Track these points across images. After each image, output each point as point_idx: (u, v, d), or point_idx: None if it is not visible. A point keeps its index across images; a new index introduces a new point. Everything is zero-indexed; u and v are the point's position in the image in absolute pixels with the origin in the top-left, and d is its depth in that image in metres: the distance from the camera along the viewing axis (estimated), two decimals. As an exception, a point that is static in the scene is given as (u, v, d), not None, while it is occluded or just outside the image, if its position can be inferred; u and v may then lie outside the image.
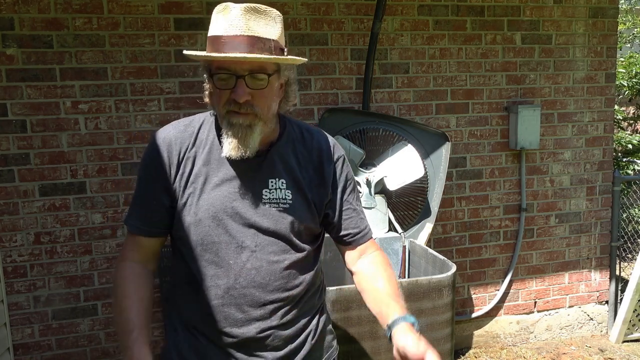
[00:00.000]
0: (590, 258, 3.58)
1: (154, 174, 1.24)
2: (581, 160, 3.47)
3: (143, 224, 1.26)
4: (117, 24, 2.64)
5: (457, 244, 3.32)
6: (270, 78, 1.16)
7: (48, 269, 2.68)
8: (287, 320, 1.26)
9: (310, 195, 1.27)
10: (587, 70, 3.40)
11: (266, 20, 1.15)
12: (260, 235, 1.22)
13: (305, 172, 1.28)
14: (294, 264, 1.25)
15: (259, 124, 1.17)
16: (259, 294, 1.22)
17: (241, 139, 1.15)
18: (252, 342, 1.24)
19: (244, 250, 1.21)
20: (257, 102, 1.15)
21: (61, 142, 2.63)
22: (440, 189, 3.00)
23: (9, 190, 2.59)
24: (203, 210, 1.21)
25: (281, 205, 1.23)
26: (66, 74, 2.60)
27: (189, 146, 1.24)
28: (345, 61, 2.99)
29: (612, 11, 3.40)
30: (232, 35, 1.11)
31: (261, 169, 1.24)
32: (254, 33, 1.12)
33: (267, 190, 1.23)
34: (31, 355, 2.70)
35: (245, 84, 1.13)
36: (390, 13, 3.01)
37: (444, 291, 2.24)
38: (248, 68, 1.13)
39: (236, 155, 1.16)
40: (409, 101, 3.11)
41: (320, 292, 1.40)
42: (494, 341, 3.48)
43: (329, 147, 1.32)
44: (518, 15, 3.24)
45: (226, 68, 1.13)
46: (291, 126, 1.32)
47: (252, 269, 1.21)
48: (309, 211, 1.27)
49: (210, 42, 1.15)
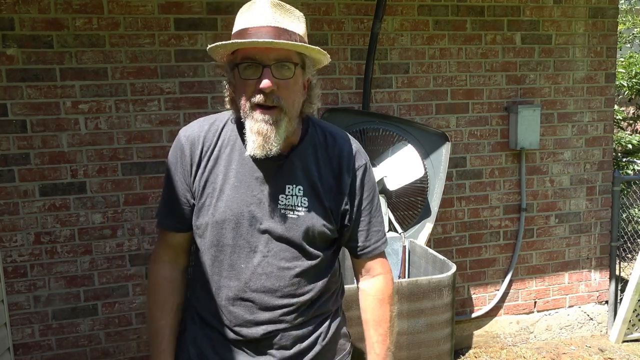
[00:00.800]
0: (590, 258, 3.58)
1: (179, 171, 1.25)
2: (581, 160, 3.47)
3: (171, 221, 1.29)
4: (117, 24, 2.64)
5: (457, 244, 3.33)
6: (296, 69, 1.15)
7: (48, 269, 2.68)
8: (297, 323, 1.27)
9: (328, 203, 1.26)
10: (587, 70, 3.41)
11: (291, 17, 1.16)
12: (273, 241, 1.22)
13: (324, 179, 1.26)
14: (305, 271, 1.25)
15: (285, 120, 1.15)
16: (267, 299, 1.23)
17: (266, 136, 1.13)
18: (261, 341, 1.25)
19: (256, 255, 1.22)
20: (282, 94, 1.13)
21: (61, 142, 2.63)
22: (440, 189, 3.00)
23: (9, 190, 2.59)
24: (220, 211, 1.21)
25: (296, 212, 1.23)
26: (66, 74, 2.60)
27: (211, 145, 1.24)
28: (345, 61, 2.99)
29: (612, 11, 3.40)
30: (258, 26, 1.11)
31: (280, 174, 1.23)
32: (281, 24, 1.12)
33: (284, 195, 1.23)
34: (31, 355, 2.70)
35: (272, 74, 1.11)
36: (390, 13, 3.01)
37: (444, 291, 2.24)
38: (274, 57, 1.11)
39: (261, 153, 1.15)
40: (409, 101, 3.11)
41: (337, 297, 1.40)
42: (494, 341, 3.48)
43: (350, 155, 1.29)
44: (518, 15, 3.24)
45: (252, 57, 1.11)
46: (314, 129, 1.29)
47: (263, 274, 1.22)
48: (325, 218, 1.25)
49: (235, 36, 1.15)
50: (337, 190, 1.27)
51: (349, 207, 1.29)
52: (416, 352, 2.25)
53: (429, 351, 2.27)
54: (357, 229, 1.32)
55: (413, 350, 2.25)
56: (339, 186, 1.27)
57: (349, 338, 1.45)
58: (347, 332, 1.45)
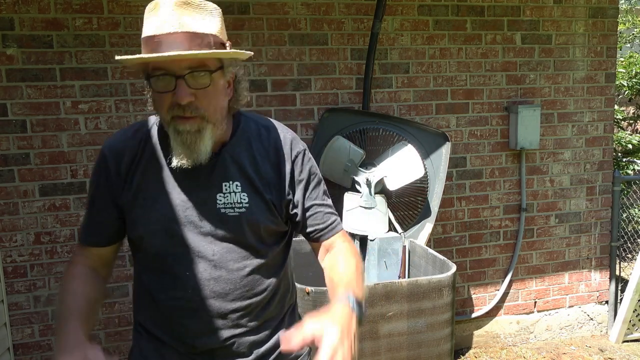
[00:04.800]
0: (590, 258, 3.58)
1: (102, 185, 1.19)
2: (581, 160, 3.47)
3: (92, 236, 1.23)
4: (117, 24, 2.64)
5: (457, 244, 3.33)
6: (213, 75, 1.06)
7: (48, 269, 2.68)
8: (252, 327, 1.20)
9: (269, 196, 1.19)
10: (587, 70, 3.41)
11: (202, 15, 1.05)
12: (218, 243, 1.15)
13: (262, 171, 1.19)
14: (256, 269, 1.19)
15: (208, 128, 1.08)
16: (219, 304, 1.16)
17: (190, 146, 1.07)
18: (216, 351, 1.19)
19: (201, 261, 1.15)
20: (202, 103, 1.06)
21: (61, 142, 2.63)
22: (440, 189, 3.00)
23: (9, 190, 2.59)
24: (154, 221, 1.15)
25: (237, 210, 1.15)
26: (66, 74, 2.60)
27: (137, 154, 1.17)
28: (345, 61, 2.99)
29: (612, 11, 3.40)
30: (165, 33, 1.01)
31: (213, 173, 1.16)
32: (190, 29, 1.02)
33: (222, 194, 1.15)
34: (31, 355, 2.70)
35: (187, 84, 1.03)
36: (390, 13, 3.01)
37: (444, 291, 2.24)
38: (187, 66, 1.03)
39: (187, 164, 1.09)
40: (409, 101, 3.11)
41: (291, 294, 1.34)
42: (494, 341, 3.48)
43: (286, 144, 1.22)
44: (518, 15, 3.24)
45: (164, 68, 1.03)
46: (247, 123, 1.22)
47: (211, 279, 1.15)
48: (268, 212, 1.19)
49: (144, 43, 1.05)
50: (277, 181, 1.20)
51: (291, 197, 1.22)
52: (416, 352, 2.25)
53: (429, 351, 2.27)
54: (311, 212, 1.24)
55: (413, 350, 2.25)
56: (279, 177, 1.20)
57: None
58: None
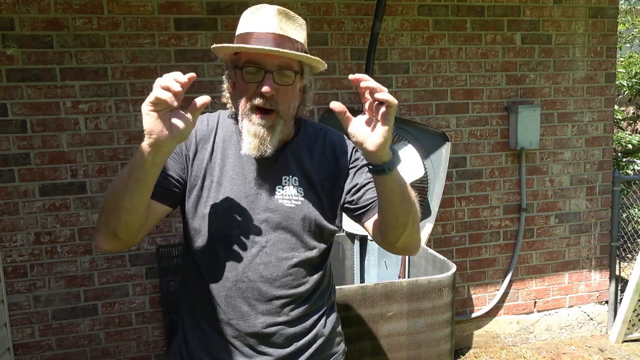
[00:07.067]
0: (590, 258, 3.58)
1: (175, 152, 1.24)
2: (581, 160, 3.47)
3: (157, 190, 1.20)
4: (117, 24, 2.64)
5: (457, 244, 3.33)
6: (296, 76, 1.20)
7: (48, 269, 2.68)
8: (294, 317, 1.27)
9: (323, 194, 1.30)
10: (587, 70, 3.41)
11: (295, 25, 1.21)
12: (271, 231, 1.25)
13: (319, 170, 1.30)
14: (302, 262, 1.27)
15: (280, 123, 1.20)
16: (266, 289, 1.24)
17: (262, 139, 1.18)
18: (258, 337, 1.25)
19: (255, 245, 1.24)
20: (281, 99, 1.18)
21: (61, 142, 2.63)
22: (440, 189, 3.00)
23: (9, 190, 2.59)
24: (219, 203, 1.24)
25: (293, 202, 1.26)
26: (66, 74, 2.60)
27: (208, 139, 1.27)
28: (345, 61, 2.99)
29: (612, 11, 3.40)
30: (264, 32, 1.16)
31: (275, 167, 1.27)
32: (286, 33, 1.18)
33: (280, 186, 1.27)
34: (31, 355, 2.70)
35: (273, 79, 1.16)
36: (390, 13, 3.01)
37: (444, 291, 2.24)
38: (277, 64, 1.16)
39: (256, 154, 1.19)
40: (409, 101, 3.11)
41: (330, 293, 1.41)
42: (494, 341, 3.48)
43: (341, 141, 1.36)
44: (518, 15, 3.24)
45: (256, 62, 1.16)
46: (306, 127, 1.36)
47: (261, 263, 1.24)
48: (320, 208, 1.29)
49: (240, 38, 1.19)
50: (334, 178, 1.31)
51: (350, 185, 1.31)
52: (416, 352, 2.25)
53: (429, 351, 2.27)
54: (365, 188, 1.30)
55: (413, 350, 2.25)
56: (338, 172, 1.31)
57: (343, 337, 1.46)
58: (341, 331, 1.45)
